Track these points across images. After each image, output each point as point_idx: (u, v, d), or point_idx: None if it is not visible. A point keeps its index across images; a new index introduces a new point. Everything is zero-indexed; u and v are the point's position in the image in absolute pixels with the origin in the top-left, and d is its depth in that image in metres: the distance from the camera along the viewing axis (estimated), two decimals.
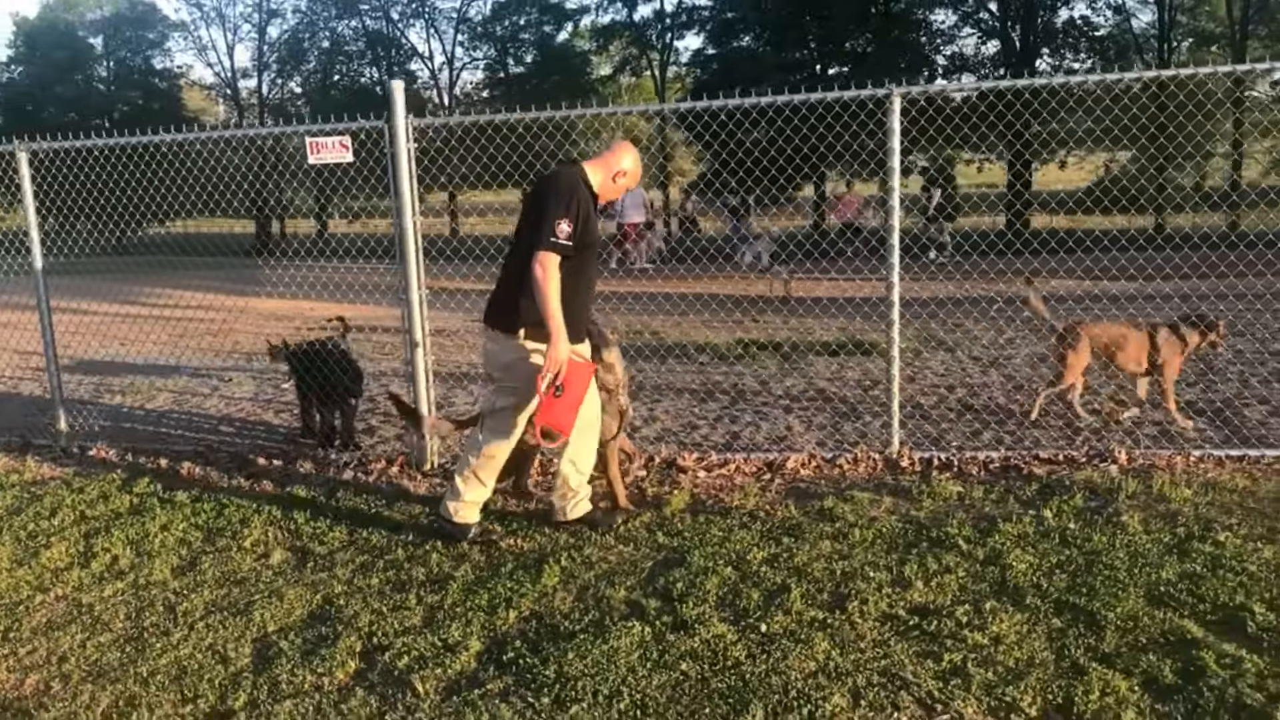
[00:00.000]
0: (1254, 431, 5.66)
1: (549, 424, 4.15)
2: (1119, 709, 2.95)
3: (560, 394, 4.08)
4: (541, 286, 3.97)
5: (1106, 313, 9.14)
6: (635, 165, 4.34)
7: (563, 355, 4.03)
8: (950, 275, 14.34)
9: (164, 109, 37.78)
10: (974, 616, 3.55)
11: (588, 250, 4.19)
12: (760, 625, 3.58)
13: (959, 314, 9.97)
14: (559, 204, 4.01)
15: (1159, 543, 4.07)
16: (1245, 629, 3.37)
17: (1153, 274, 11.41)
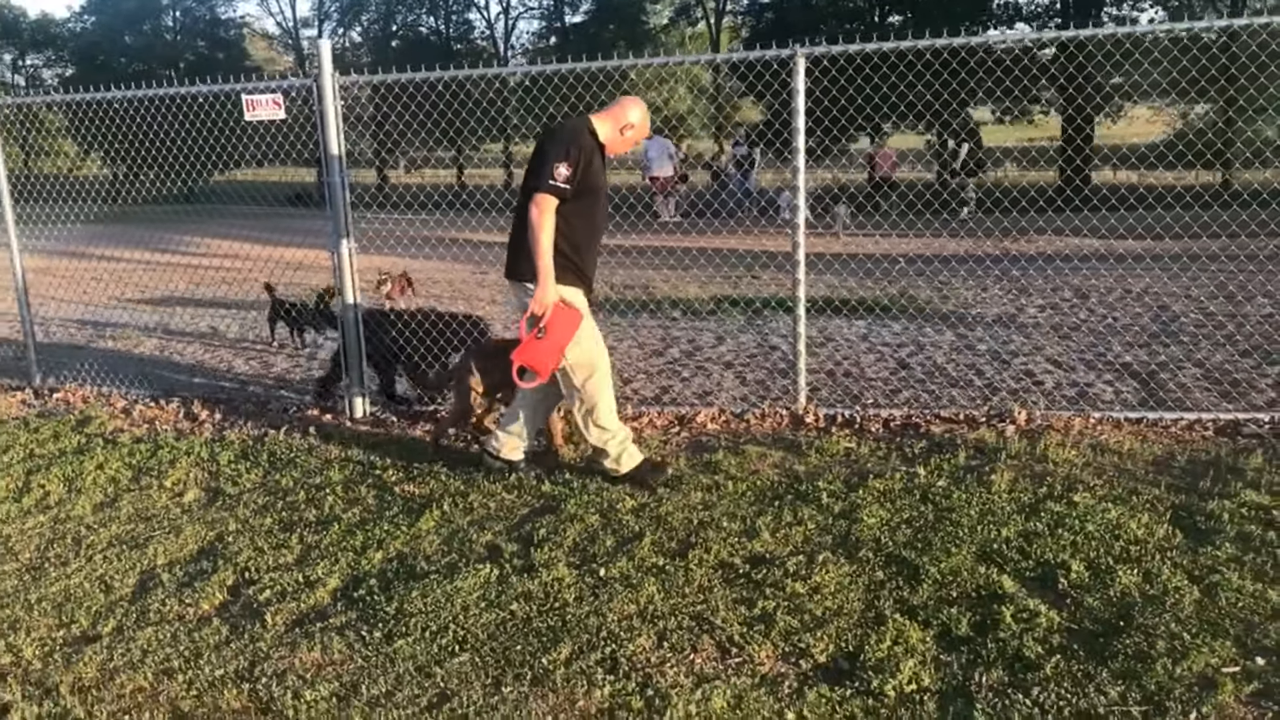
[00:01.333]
0: (1172, 395, 5.67)
1: (527, 363, 4.22)
2: (903, 657, 3.09)
3: (542, 335, 4.16)
4: (534, 226, 4.07)
5: (1149, 272, 9.09)
6: (643, 119, 4.40)
7: (549, 298, 4.13)
8: (970, 233, 14.22)
9: (228, 59, 38.31)
10: (803, 567, 3.69)
11: (592, 196, 4.26)
12: (601, 570, 3.75)
13: (953, 273, 9.93)
14: (559, 148, 4.10)
15: (1015, 502, 4.16)
16: (1057, 586, 3.47)
17: (1218, 232, 11.04)
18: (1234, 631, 3.12)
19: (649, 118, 4.43)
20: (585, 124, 4.31)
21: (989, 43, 4.67)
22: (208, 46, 40.88)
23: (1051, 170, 27.60)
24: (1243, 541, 3.70)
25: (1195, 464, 4.52)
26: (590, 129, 4.30)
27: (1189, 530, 3.84)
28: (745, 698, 2.94)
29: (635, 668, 3.12)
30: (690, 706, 2.90)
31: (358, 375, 5.80)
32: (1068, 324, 7.81)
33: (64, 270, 12.87)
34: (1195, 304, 8.11)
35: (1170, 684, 2.87)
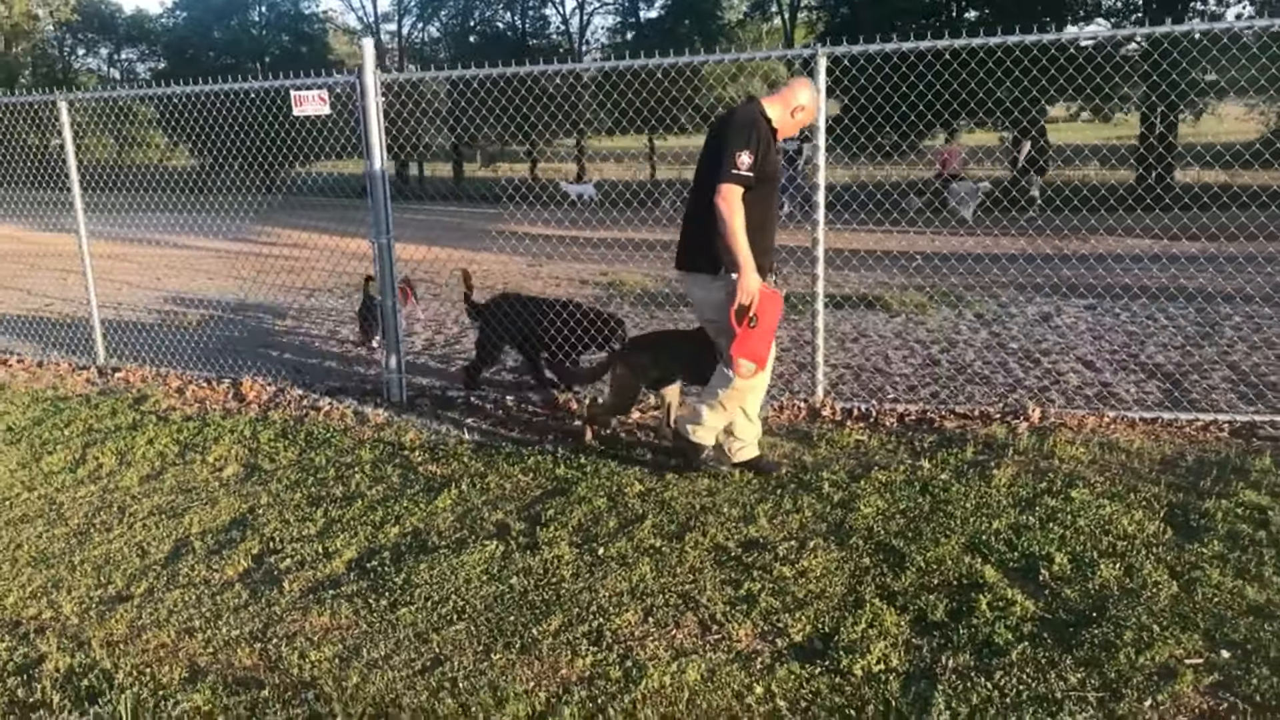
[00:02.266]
0: (1195, 396, 5.66)
1: (745, 355, 4.18)
2: (875, 639, 3.21)
3: (754, 325, 4.13)
4: (726, 218, 4.02)
5: (1202, 272, 8.97)
6: (813, 100, 4.36)
7: (753, 286, 4.07)
8: (1026, 231, 14.09)
9: (311, 53, 39.29)
10: (793, 552, 3.82)
11: (769, 182, 4.22)
12: (600, 549, 3.93)
13: (1003, 270, 9.90)
14: (739, 136, 4.05)
15: (1011, 495, 4.24)
16: (1038, 577, 3.56)
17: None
18: (1204, 625, 3.18)
19: (819, 99, 4.35)
20: (759, 109, 4.24)
21: (1026, 41, 4.68)
22: (292, 41, 41.89)
23: (1129, 170, 27.04)
24: (1231, 540, 3.74)
25: (1202, 464, 4.54)
26: (764, 114, 4.24)
27: (1180, 527, 3.88)
28: (719, 671, 3.09)
29: (618, 640, 3.29)
30: (665, 677, 3.06)
31: (396, 360, 6.04)
32: (1106, 324, 7.76)
33: (140, 256, 13.49)
34: (1246, 305, 7.99)
35: (1131, 673, 2.95)
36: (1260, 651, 3.01)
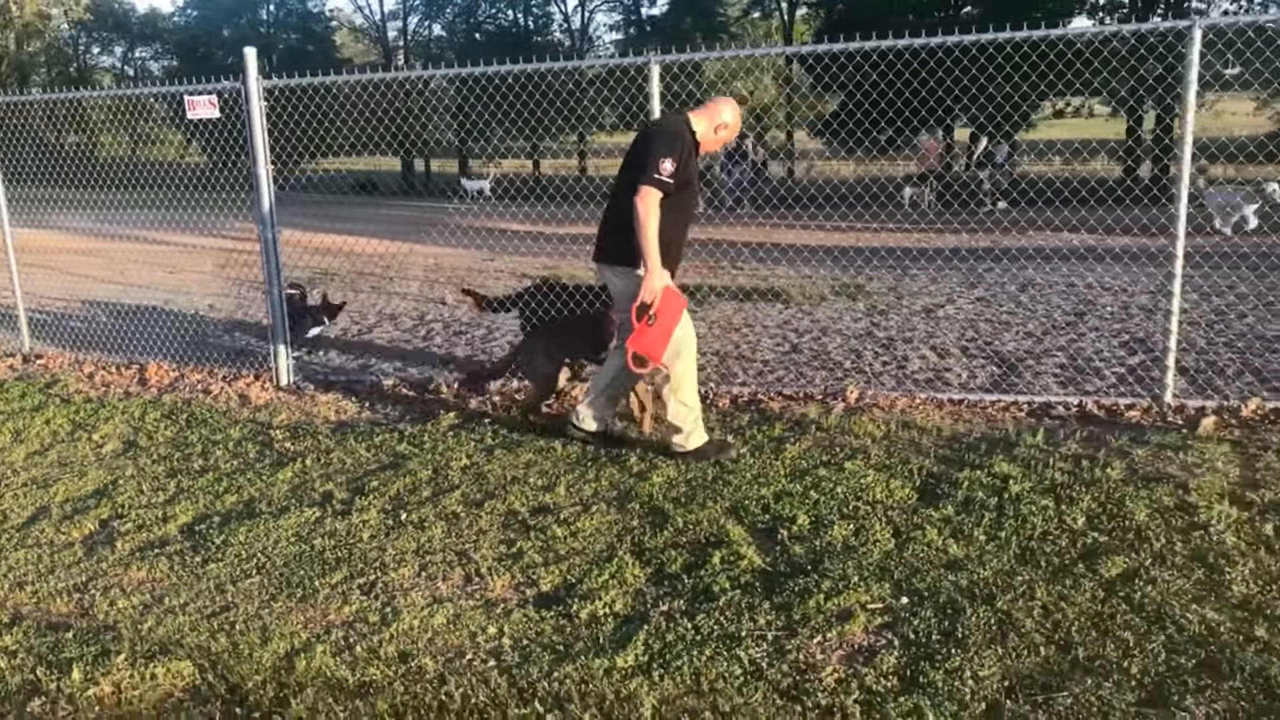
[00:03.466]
0: (1011, 379, 6.06)
1: (641, 350, 4.42)
2: (610, 588, 3.63)
3: (653, 322, 4.39)
4: (641, 219, 4.29)
5: (1126, 268, 9.33)
6: (736, 119, 4.62)
7: (658, 285, 4.35)
8: (969, 226, 14.43)
9: (319, 50, 39.79)
10: (575, 516, 4.24)
11: (686, 190, 4.49)
12: (404, 515, 4.36)
13: (931, 262, 10.29)
14: (663, 144, 4.32)
15: (792, 467, 4.65)
16: (777, 536, 3.97)
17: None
18: (898, 576, 3.59)
19: (741, 117, 4.70)
20: (685, 121, 4.52)
21: (982, 40, 5.00)
22: (300, 39, 42.40)
23: (1121, 164, 27.36)
24: (964, 504, 4.15)
25: (983, 439, 4.94)
26: (690, 126, 4.53)
27: (926, 494, 4.29)
28: (464, 615, 3.52)
29: (387, 590, 3.72)
30: (415, 620, 3.49)
31: (283, 347, 6.47)
32: (985, 315, 8.16)
33: (112, 251, 13.96)
34: (1130, 298, 8.37)
35: (814, 615, 3.37)
36: (934, 598, 3.42)
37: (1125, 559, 3.60)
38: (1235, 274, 9.45)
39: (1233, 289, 8.75)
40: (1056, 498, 4.14)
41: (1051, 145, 34.98)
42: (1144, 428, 4.98)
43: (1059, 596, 3.38)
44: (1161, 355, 5.18)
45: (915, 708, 2.83)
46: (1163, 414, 5.07)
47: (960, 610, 3.32)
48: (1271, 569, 3.49)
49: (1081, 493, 4.16)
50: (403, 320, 8.81)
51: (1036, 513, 4.00)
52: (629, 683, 3.05)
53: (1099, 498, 4.11)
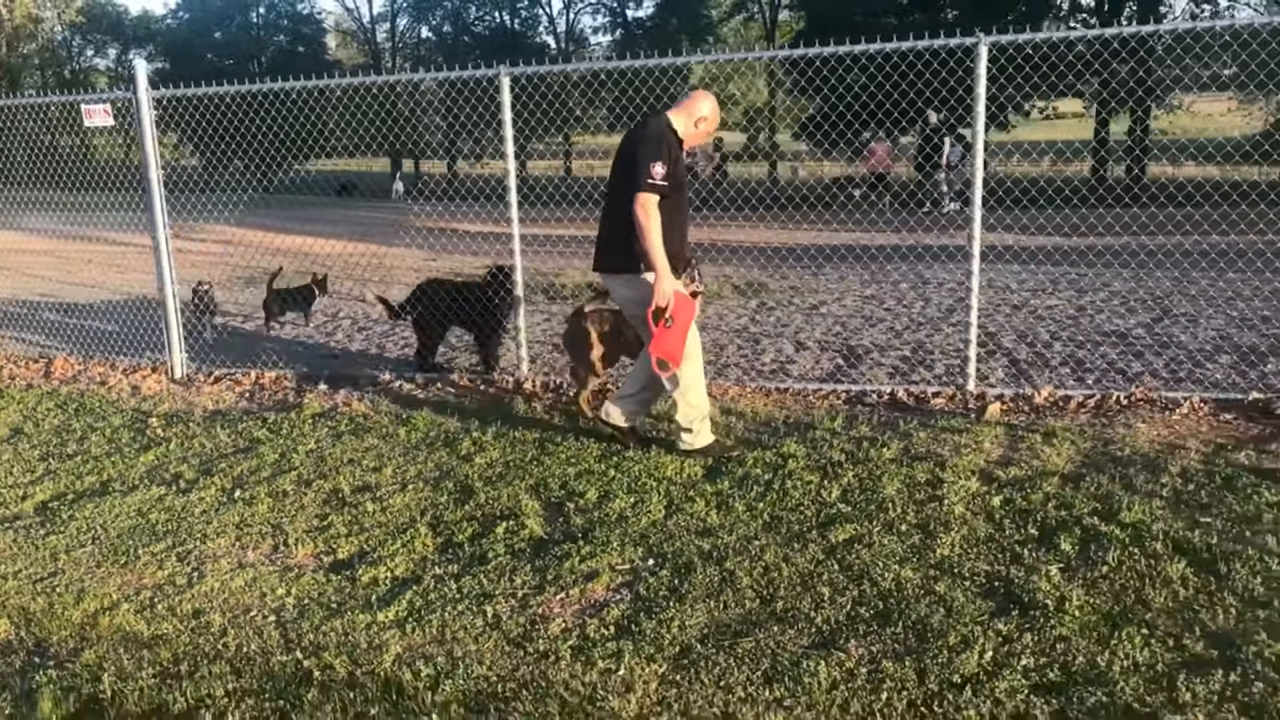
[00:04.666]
0: (844, 369, 6.48)
1: (661, 354, 4.49)
2: (400, 554, 4.03)
3: (670, 325, 4.46)
4: (644, 226, 4.36)
5: (1025, 267, 9.75)
6: (714, 111, 4.67)
7: (669, 289, 4.41)
8: (894, 226, 14.86)
9: (308, 53, 40.13)
10: (392, 494, 4.65)
11: (679, 190, 4.56)
12: (238, 493, 4.77)
13: (842, 260, 10.72)
14: (651, 149, 4.39)
15: (603, 449, 5.06)
16: (564, 509, 4.38)
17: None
18: (653, 542, 4.01)
19: (719, 111, 4.81)
20: (666, 122, 4.58)
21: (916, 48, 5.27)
22: (289, 41, 42.73)
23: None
24: (740, 481, 4.56)
25: (790, 424, 5.36)
26: (670, 126, 4.60)
27: (712, 471, 4.70)
28: (261, 579, 3.92)
29: (201, 558, 4.12)
30: (216, 582, 3.90)
31: (178, 342, 6.88)
32: (863, 311, 8.58)
33: (71, 251, 14.35)
34: (1010, 294, 8.81)
35: (565, 575, 3.78)
36: (675, 560, 3.84)
37: (856, 527, 4.02)
38: (1111, 273, 9.89)
39: (1107, 286, 9.18)
40: (823, 474, 4.56)
41: (1019, 146, 35.42)
42: (940, 413, 5.40)
43: (783, 558, 3.79)
44: (963, 347, 5.59)
45: (618, 650, 3.25)
46: (965, 401, 5.49)
47: (693, 570, 3.74)
48: (979, 535, 3.91)
49: (847, 469, 4.58)
50: (316, 316, 9.20)
51: (799, 487, 4.42)
52: (383, 634, 3.46)
53: (860, 474, 4.53)
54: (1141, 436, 4.90)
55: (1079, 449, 4.77)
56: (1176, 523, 3.92)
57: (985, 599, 3.44)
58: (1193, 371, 6.15)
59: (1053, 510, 4.08)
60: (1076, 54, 25.70)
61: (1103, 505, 4.10)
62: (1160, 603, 3.35)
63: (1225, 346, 6.81)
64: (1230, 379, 5.96)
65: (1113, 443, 4.83)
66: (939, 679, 2.98)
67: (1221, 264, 9.69)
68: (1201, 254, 9.41)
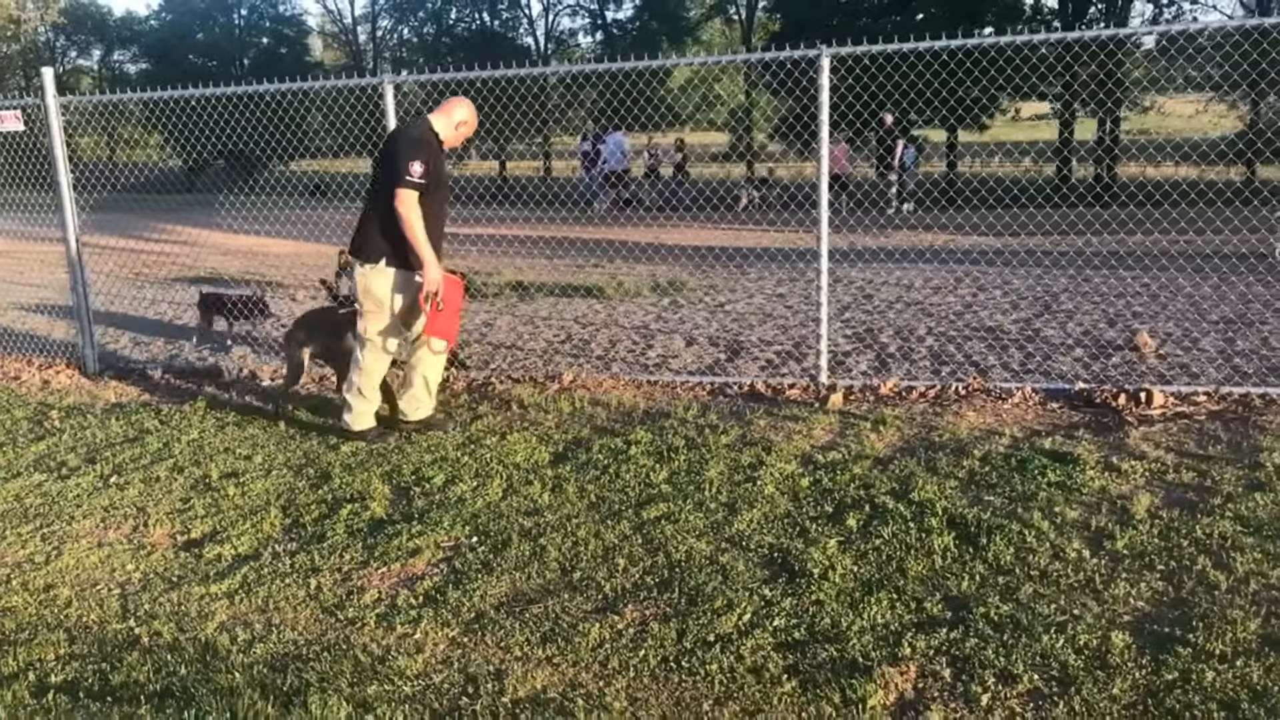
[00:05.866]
0: (723, 360, 6.81)
1: (437, 334, 4.98)
2: (248, 533, 4.33)
3: (442, 308, 4.91)
4: (406, 219, 4.75)
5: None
6: (471, 115, 5.12)
7: (437, 275, 4.87)
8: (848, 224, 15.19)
9: (290, 55, 40.24)
10: (255, 479, 4.95)
11: (439, 189, 4.94)
12: (115, 477, 5.06)
13: (765, 264, 11.05)
14: (411, 149, 4.79)
15: (465, 437, 5.37)
16: (410, 493, 4.69)
17: (1238, 228, 10.95)
18: (483, 521, 4.32)
19: (476, 115, 5.22)
20: (428, 124, 4.99)
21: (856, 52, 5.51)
22: (272, 43, 42.85)
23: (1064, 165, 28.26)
24: (582, 464, 4.88)
25: (649, 414, 5.68)
26: (432, 129, 5.00)
27: (560, 457, 5.02)
28: (114, 556, 4.22)
29: (64, 538, 4.41)
30: (72, 560, 4.19)
31: (90, 339, 7.16)
32: (764, 309, 8.92)
33: (28, 253, 14.54)
34: (911, 291, 9.16)
35: (391, 552, 4.09)
36: (497, 537, 4.15)
37: (670, 505, 4.34)
38: (1019, 271, 10.25)
39: (1007, 283, 9.55)
40: (658, 458, 4.89)
41: (1001, 146, 35.88)
42: (790, 403, 5.73)
43: (594, 534, 4.12)
44: (814, 341, 5.92)
45: (418, 617, 3.56)
46: (817, 392, 5.82)
47: (509, 545, 4.05)
48: (778, 511, 4.24)
49: (681, 454, 4.91)
50: None
51: (632, 470, 4.75)
52: (213, 604, 3.76)
53: (692, 458, 4.85)
54: (965, 424, 5.24)
55: (902, 435, 5.11)
56: (960, 500, 4.25)
57: (762, 568, 3.76)
58: (1042, 364, 6.50)
59: (853, 490, 4.41)
60: (1040, 57, 26.16)
61: (900, 485, 4.43)
62: (917, 570, 3.68)
63: (1085, 341, 7.16)
64: (1074, 371, 6.31)
65: (936, 429, 5.17)
66: (695, 637, 3.30)
67: (1147, 262, 10.07)
68: (1119, 252, 9.78)
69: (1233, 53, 9.63)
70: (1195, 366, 6.29)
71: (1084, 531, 3.92)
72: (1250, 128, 24.69)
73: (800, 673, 3.05)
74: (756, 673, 3.06)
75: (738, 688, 2.98)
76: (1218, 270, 9.38)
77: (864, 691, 2.90)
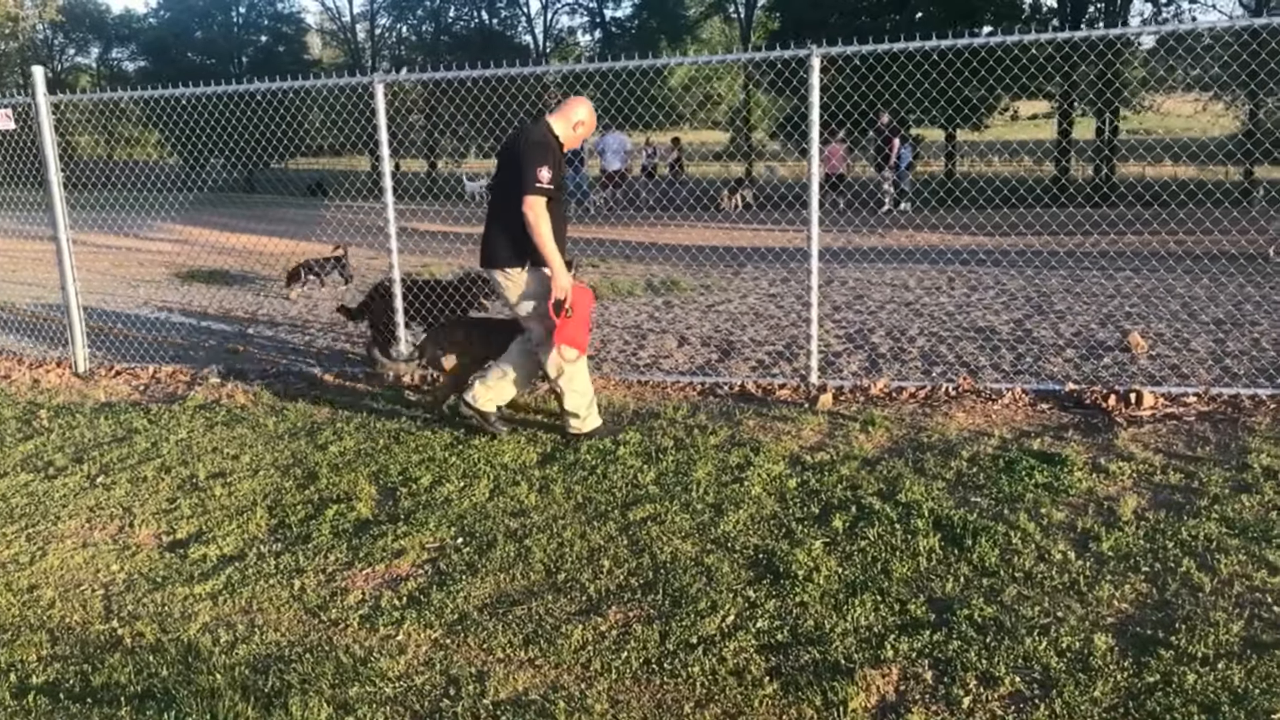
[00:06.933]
0: (716, 361, 6.80)
1: (566, 342, 4.85)
2: (234, 534, 4.32)
3: (570, 315, 4.80)
4: (535, 226, 4.68)
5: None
6: (590, 115, 5.01)
7: (566, 282, 4.76)
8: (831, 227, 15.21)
9: (288, 53, 40.22)
10: (243, 479, 4.94)
11: (560, 191, 4.87)
12: (101, 478, 5.04)
13: (759, 264, 11.06)
14: (538, 154, 4.69)
15: (452, 437, 5.36)
16: (397, 494, 4.68)
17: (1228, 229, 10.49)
18: (469, 521, 4.31)
19: (594, 115, 5.12)
20: (549, 127, 4.89)
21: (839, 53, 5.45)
22: (270, 40, 42.84)
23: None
24: (570, 465, 4.87)
25: (640, 414, 5.67)
26: (552, 131, 4.90)
27: (548, 458, 5.02)
28: (99, 556, 4.21)
29: (50, 537, 4.41)
30: (57, 560, 4.18)
31: (82, 338, 7.15)
32: (756, 309, 8.92)
33: (19, 251, 14.54)
34: (904, 292, 9.17)
35: (376, 553, 4.08)
36: (483, 538, 4.15)
37: (657, 506, 4.34)
38: (1006, 271, 10.25)
39: (1000, 284, 9.55)
40: (647, 459, 4.88)
41: (992, 146, 35.91)
42: (780, 403, 5.73)
43: (580, 535, 4.11)
44: (805, 342, 5.92)
45: (401, 618, 3.55)
46: (807, 392, 5.82)
47: (495, 546, 4.05)
48: (765, 513, 4.23)
49: (670, 455, 4.90)
50: (235, 312, 9.47)
51: (620, 471, 4.74)
52: (197, 605, 3.76)
53: (680, 459, 4.85)
54: (954, 425, 5.24)
55: (891, 436, 5.10)
56: (947, 502, 4.24)
57: (747, 570, 3.76)
58: (1033, 365, 6.50)
59: (840, 491, 4.41)
60: (1037, 56, 26.16)
61: (887, 487, 4.43)
62: (902, 572, 3.68)
63: (1076, 342, 7.16)
64: (1064, 371, 6.31)
65: (925, 430, 5.16)
66: (678, 640, 3.29)
67: (1139, 263, 10.07)
68: (1110, 251, 9.78)
69: (1232, 52, 9.61)
70: (1186, 367, 6.29)
71: (1070, 533, 3.91)
72: (1253, 127, 24.68)
73: (782, 675, 3.04)
74: (738, 675, 3.05)
75: (719, 690, 2.98)
76: (1208, 271, 9.38)
77: (845, 694, 2.89)
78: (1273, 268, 9.90)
